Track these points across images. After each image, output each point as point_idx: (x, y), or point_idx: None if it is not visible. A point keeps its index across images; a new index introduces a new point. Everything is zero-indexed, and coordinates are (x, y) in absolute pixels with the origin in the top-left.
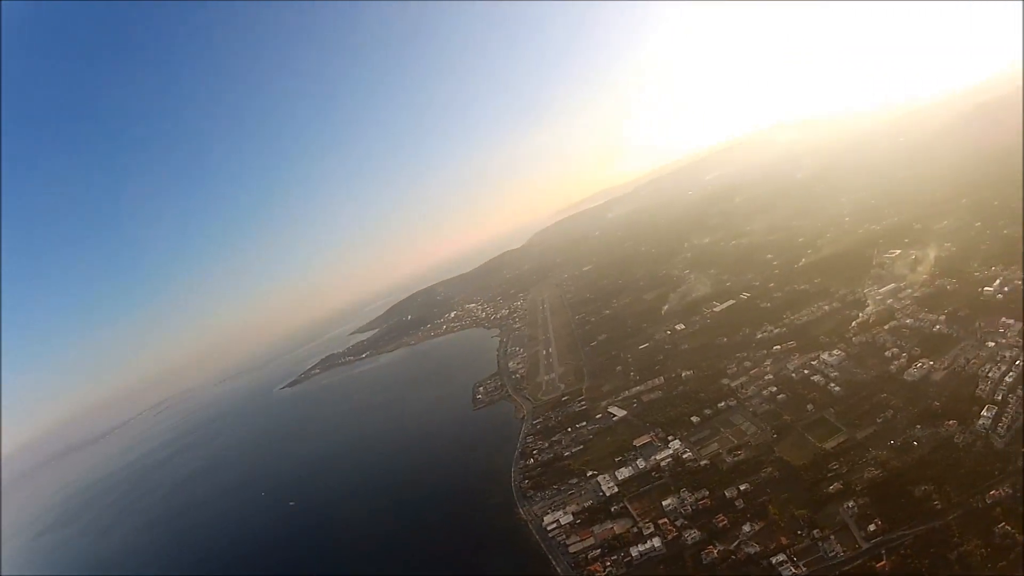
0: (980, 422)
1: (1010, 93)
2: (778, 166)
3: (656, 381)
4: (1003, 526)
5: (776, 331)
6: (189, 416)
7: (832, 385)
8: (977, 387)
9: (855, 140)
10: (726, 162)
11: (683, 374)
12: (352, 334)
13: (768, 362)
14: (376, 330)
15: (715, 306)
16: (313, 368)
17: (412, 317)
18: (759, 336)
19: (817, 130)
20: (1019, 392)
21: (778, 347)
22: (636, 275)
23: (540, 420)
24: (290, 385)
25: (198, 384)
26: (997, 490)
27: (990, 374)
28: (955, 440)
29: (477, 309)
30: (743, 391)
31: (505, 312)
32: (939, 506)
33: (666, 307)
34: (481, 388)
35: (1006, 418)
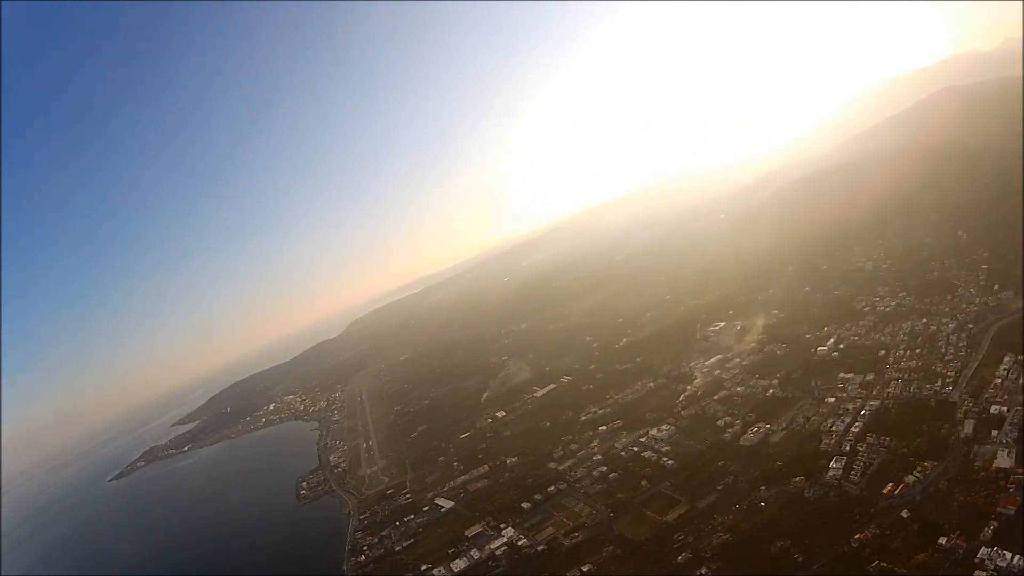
0: (830, 474)
1: (831, 167)
2: (598, 248)
3: (481, 470)
4: (877, 564)
5: (601, 412)
6: (24, 503)
7: (665, 459)
8: (821, 442)
9: (677, 217)
10: (548, 244)
11: (508, 461)
12: (173, 425)
13: (595, 443)
14: (197, 422)
15: (536, 391)
16: (138, 460)
17: (231, 409)
18: (583, 418)
19: (646, 202)
20: (868, 440)
21: (604, 427)
22: (454, 363)
23: (367, 515)
24: (117, 477)
25: (27, 468)
26: (862, 533)
27: (833, 428)
28: (805, 495)
29: (296, 401)
30: (572, 473)
31: (324, 404)
32: (800, 559)
33: (486, 395)
34: (304, 483)
35: (858, 465)
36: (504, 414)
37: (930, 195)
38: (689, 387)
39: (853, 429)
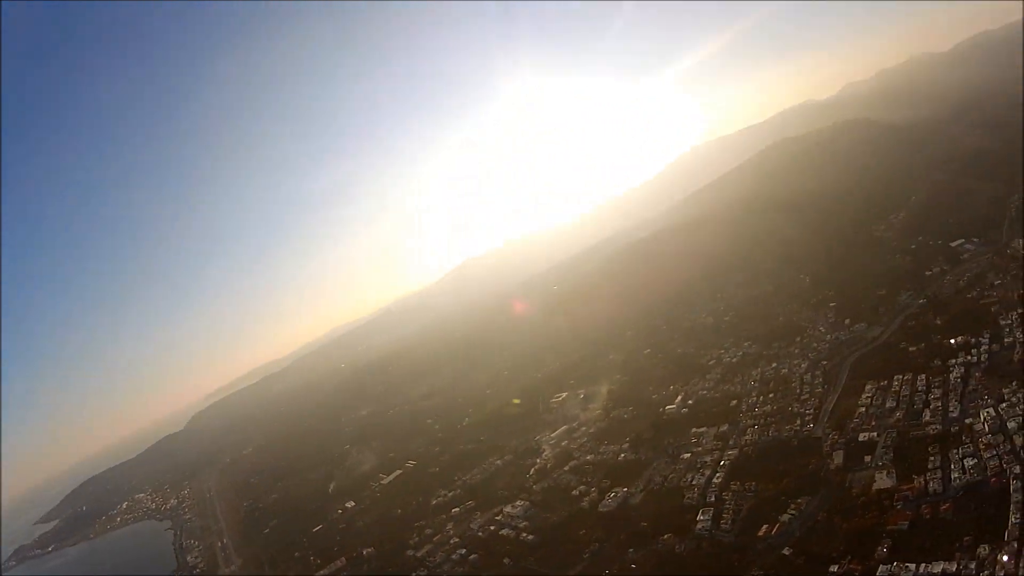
0: (699, 526)
1: (664, 228)
2: (430, 332)
3: (339, 563)
4: None
5: (451, 494)
6: None
7: (524, 535)
8: (684, 497)
9: (509, 291)
10: (380, 330)
11: (364, 552)
12: (35, 524)
13: (450, 525)
14: (56, 521)
15: (383, 478)
16: (10, 559)
17: (87, 508)
18: (435, 502)
19: (474, 277)
20: (733, 488)
21: (457, 509)
22: (299, 454)
23: None
24: None
25: None
26: None
27: (694, 482)
28: (677, 551)
29: (147, 499)
30: (431, 559)
31: (174, 502)
32: None
33: (333, 485)
34: None
35: (727, 513)
36: (354, 504)
37: (769, 245)
38: (538, 460)
39: (715, 480)
